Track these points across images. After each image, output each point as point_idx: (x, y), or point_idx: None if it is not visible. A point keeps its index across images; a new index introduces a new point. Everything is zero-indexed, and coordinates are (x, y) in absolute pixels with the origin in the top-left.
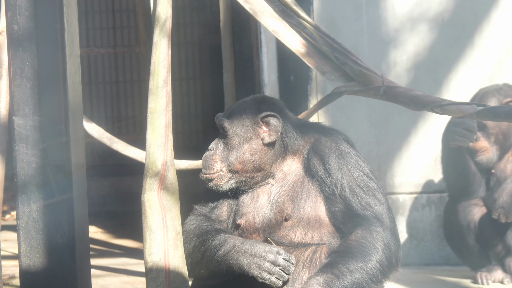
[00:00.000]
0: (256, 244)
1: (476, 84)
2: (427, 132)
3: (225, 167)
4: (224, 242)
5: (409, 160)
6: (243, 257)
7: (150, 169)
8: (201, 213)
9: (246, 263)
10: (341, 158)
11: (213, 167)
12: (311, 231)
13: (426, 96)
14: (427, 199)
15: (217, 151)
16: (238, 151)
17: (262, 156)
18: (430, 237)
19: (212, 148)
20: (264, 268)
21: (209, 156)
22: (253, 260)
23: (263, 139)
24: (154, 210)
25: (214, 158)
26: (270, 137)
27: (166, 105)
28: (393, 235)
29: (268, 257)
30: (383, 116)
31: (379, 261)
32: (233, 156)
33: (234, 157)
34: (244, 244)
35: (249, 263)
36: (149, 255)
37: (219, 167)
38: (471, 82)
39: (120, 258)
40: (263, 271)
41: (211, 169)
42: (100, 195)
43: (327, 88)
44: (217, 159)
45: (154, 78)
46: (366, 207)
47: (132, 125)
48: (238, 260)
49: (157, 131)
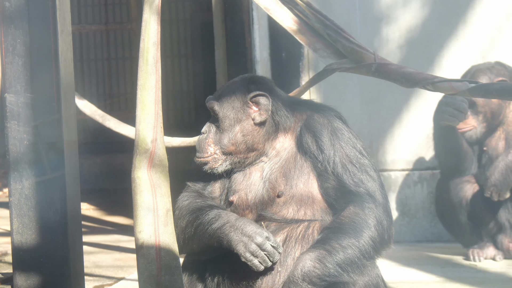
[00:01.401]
0: (250, 224)
1: (468, 62)
2: (419, 109)
3: (219, 150)
4: (218, 217)
5: (401, 137)
6: (233, 233)
7: (139, 146)
8: (194, 190)
9: (235, 239)
10: (333, 135)
11: (207, 151)
12: (303, 207)
13: (418, 73)
14: (419, 176)
15: (210, 134)
16: (230, 133)
17: (254, 136)
18: (422, 214)
19: (205, 131)
20: (249, 249)
21: (202, 140)
22: (242, 238)
23: (254, 119)
24: (144, 187)
25: (207, 141)
26: (261, 116)
27: (156, 82)
28: (386, 212)
29: (256, 239)
30: (375, 93)
31: (372, 238)
32: (225, 138)
33: (226, 139)
34: (238, 221)
35: (237, 240)
36: (140, 232)
37: (213, 150)
38: (463, 60)
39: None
40: (248, 251)
41: (205, 153)
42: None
43: (319, 65)
44: (210, 142)
45: (143, 55)
46: (359, 183)
47: (124, 103)
48: (229, 235)
49: (146, 108)
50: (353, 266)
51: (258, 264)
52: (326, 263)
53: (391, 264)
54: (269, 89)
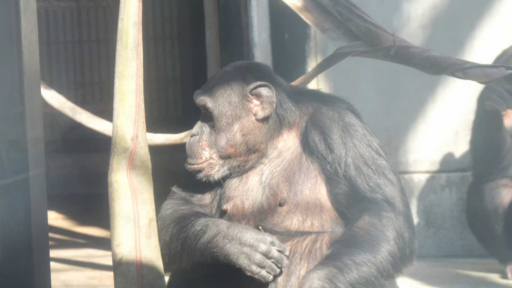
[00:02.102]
0: (246, 230)
1: (504, 44)
2: (446, 100)
3: (215, 154)
4: (206, 227)
5: (425, 133)
6: (230, 245)
7: (118, 144)
8: (180, 197)
9: (233, 252)
10: (345, 131)
11: (201, 156)
12: (310, 217)
13: (444, 58)
14: (447, 179)
15: (203, 136)
16: (228, 133)
17: (256, 135)
18: (450, 224)
19: (197, 133)
20: (255, 260)
21: (195, 143)
22: (242, 249)
23: (256, 114)
24: (123, 192)
25: (200, 145)
26: (264, 111)
27: (137, 69)
28: (407, 222)
29: (261, 247)
30: (394, 82)
31: (391, 253)
32: (222, 140)
33: (224, 141)
34: (232, 230)
35: (237, 252)
36: (118, 246)
37: (208, 154)
38: (498, 41)
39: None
40: (253, 263)
41: (199, 158)
42: (62, 175)
43: (328, 49)
44: (204, 145)
45: (122, 37)
46: (375, 188)
47: (99, 93)
48: (225, 248)
49: (126, 100)
50: (369, 286)
51: (267, 275)
52: (337, 283)
53: (413, 283)
54: (269, 78)
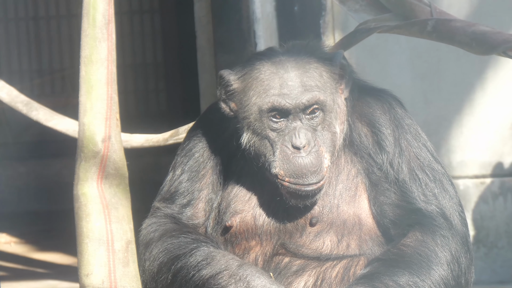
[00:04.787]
0: (259, 275)
1: None
2: (500, 86)
3: (328, 157)
4: (212, 259)
5: (473, 128)
6: (235, 287)
7: (85, 148)
8: (166, 215)
9: None
10: (398, 126)
11: (324, 167)
12: (346, 237)
13: (495, 33)
14: (501, 186)
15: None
16: (336, 126)
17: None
18: (506, 241)
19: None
20: None
21: (314, 153)
22: None
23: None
24: (93, 208)
25: (320, 153)
26: (346, 93)
27: (108, 52)
28: (465, 245)
29: None
30: (434, 64)
31: (444, 278)
32: (334, 135)
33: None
34: (243, 270)
35: None
36: (87, 276)
37: (327, 162)
38: None
39: (45, 280)
40: None
41: (323, 170)
42: (14, 187)
43: (349, 23)
44: (322, 151)
45: (89, 12)
46: (431, 199)
47: (60, 83)
48: None
49: (94, 92)
50: None
51: None
52: None
53: None
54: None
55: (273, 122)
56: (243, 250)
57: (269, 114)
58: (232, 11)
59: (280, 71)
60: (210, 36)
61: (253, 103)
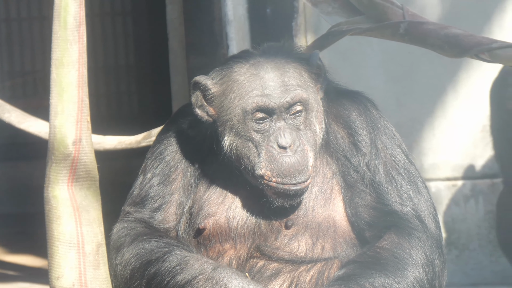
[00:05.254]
0: (236, 277)
1: None
2: (472, 89)
3: (312, 156)
4: (186, 264)
5: (445, 131)
6: None
7: (56, 150)
8: (137, 219)
9: None
10: (374, 127)
11: (310, 165)
12: (321, 240)
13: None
14: (472, 188)
15: (299, 140)
16: (316, 126)
17: None
18: (477, 244)
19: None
20: None
21: (300, 152)
22: None
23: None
24: (64, 211)
25: (305, 151)
26: (321, 93)
27: (79, 54)
28: (439, 248)
29: None
30: (406, 67)
31: (419, 281)
32: (315, 134)
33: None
34: (218, 273)
35: None
36: (57, 279)
37: (312, 161)
38: None
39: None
40: None
41: (309, 169)
42: None
43: (321, 26)
44: (307, 150)
45: (60, 14)
46: (406, 201)
47: (32, 85)
48: None
49: (66, 94)
50: None
51: None
52: None
53: None
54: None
55: (257, 123)
56: (217, 253)
57: (253, 116)
58: (204, 13)
59: (260, 72)
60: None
61: (235, 106)
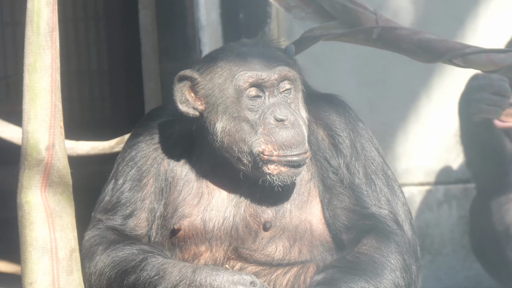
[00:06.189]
0: (217, 272)
1: None
2: (445, 94)
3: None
4: (164, 272)
5: (418, 136)
6: None
7: (29, 155)
8: (109, 227)
9: None
10: (353, 130)
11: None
12: (298, 243)
13: (441, 41)
14: (445, 193)
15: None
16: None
17: None
18: (450, 249)
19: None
20: None
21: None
22: None
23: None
24: (37, 216)
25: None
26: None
27: (52, 60)
28: (415, 253)
29: None
30: (379, 71)
31: (396, 285)
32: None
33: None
34: (199, 274)
35: None
36: (31, 284)
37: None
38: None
39: None
40: None
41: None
42: None
43: (294, 31)
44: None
45: (32, 20)
46: (384, 205)
47: (4, 90)
48: None
49: (38, 99)
50: None
51: None
52: None
53: None
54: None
55: (251, 100)
56: (193, 255)
57: (248, 93)
58: (177, 18)
59: (248, 57)
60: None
61: (227, 87)
